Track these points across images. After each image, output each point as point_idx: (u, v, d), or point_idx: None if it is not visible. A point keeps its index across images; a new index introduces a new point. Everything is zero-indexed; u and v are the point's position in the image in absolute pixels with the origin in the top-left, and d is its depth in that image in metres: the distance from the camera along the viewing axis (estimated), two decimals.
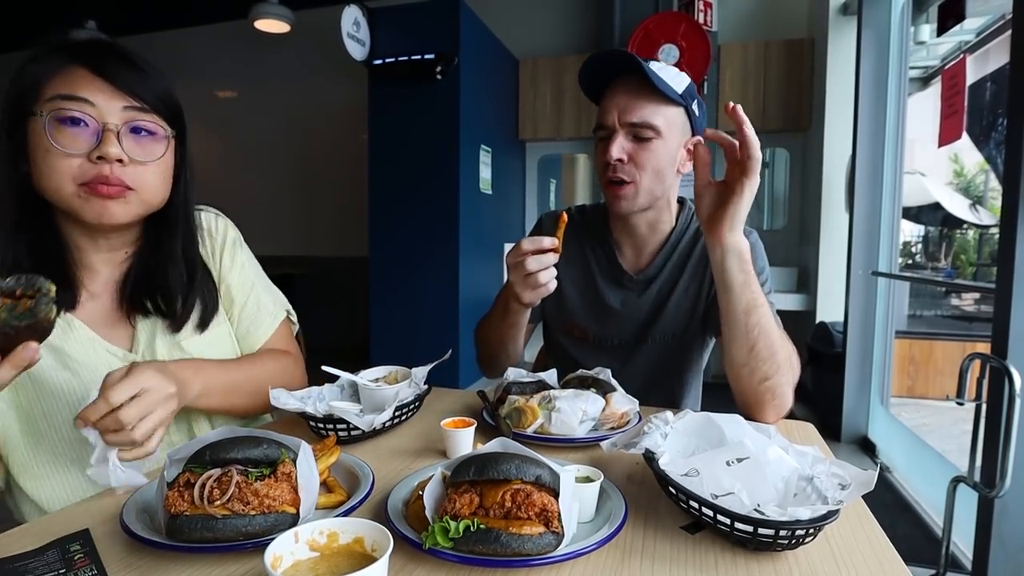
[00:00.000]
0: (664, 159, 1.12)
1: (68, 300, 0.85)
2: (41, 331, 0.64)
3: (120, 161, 0.80)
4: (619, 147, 1.11)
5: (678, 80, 1.12)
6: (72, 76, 0.79)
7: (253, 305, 1.04)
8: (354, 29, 3.05)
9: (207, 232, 1.02)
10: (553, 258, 0.99)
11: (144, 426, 0.71)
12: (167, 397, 0.75)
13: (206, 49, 4.76)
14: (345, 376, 1.01)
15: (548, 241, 0.99)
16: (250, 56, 4.50)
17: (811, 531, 0.59)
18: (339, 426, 0.89)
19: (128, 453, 0.72)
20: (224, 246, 1.03)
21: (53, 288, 0.64)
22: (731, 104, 0.89)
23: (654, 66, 1.10)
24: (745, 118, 0.89)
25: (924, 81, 3.39)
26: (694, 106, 1.14)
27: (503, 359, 1.23)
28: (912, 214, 6.82)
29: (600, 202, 1.33)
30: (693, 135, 1.15)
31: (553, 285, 1.01)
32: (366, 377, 1.04)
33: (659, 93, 1.07)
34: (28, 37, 5.08)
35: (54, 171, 0.78)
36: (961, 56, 2.17)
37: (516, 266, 1.01)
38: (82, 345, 0.86)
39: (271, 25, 3.79)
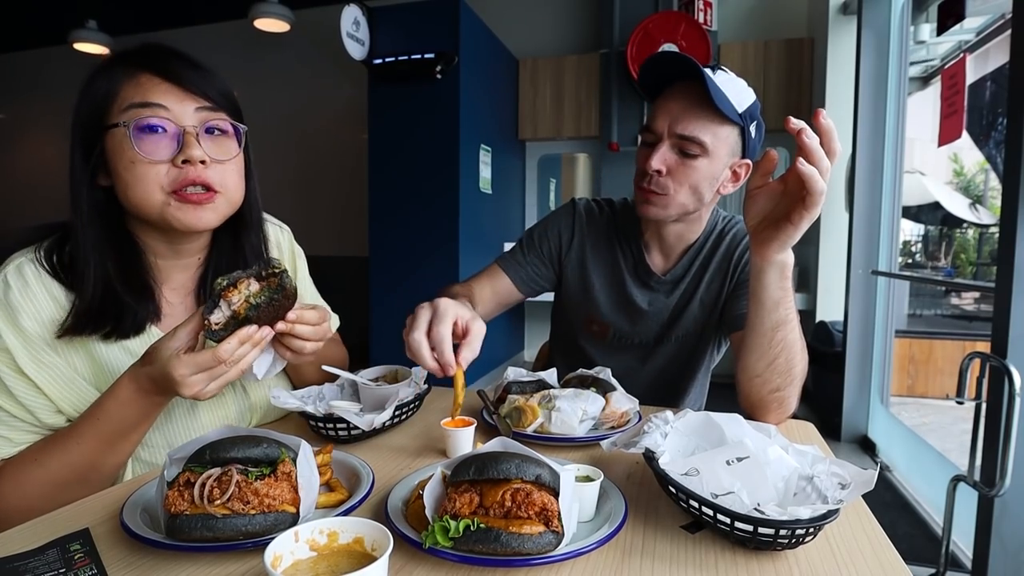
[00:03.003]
0: (705, 178, 1.08)
1: (153, 312, 0.87)
2: (292, 297, 0.76)
3: (203, 162, 0.81)
4: (661, 158, 1.07)
5: (741, 97, 1.06)
6: (142, 83, 0.80)
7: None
8: (354, 28, 3.04)
9: (274, 243, 1.07)
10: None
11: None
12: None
13: (206, 49, 4.71)
14: (345, 375, 1.01)
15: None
16: (250, 56, 4.50)
17: (811, 530, 0.59)
18: (339, 425, 0.89)
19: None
20: (293, 254, 1.12)
21: (283, 263, 0.74)
22: (797, 125, 0.78)
23: (720, 77, 1.04)
24: (812, 147, 0.78)
25: (924, 80, 3.39)
26: (752, 127, 1.08)
27: None
28: (912, 213, 6.83)
29: (629, 199, 1.31)
30: (743, 158, 1.11)
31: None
32: (366, 376, 1.04)
33: (716, 109, 1.02)
34: (29, 37, 5.10)
35: (142, 180, 0.79)
36: (961, 55, 2.17)
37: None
38: None
39: (271, 24, 3.78)
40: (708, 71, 1.03)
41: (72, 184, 0.82)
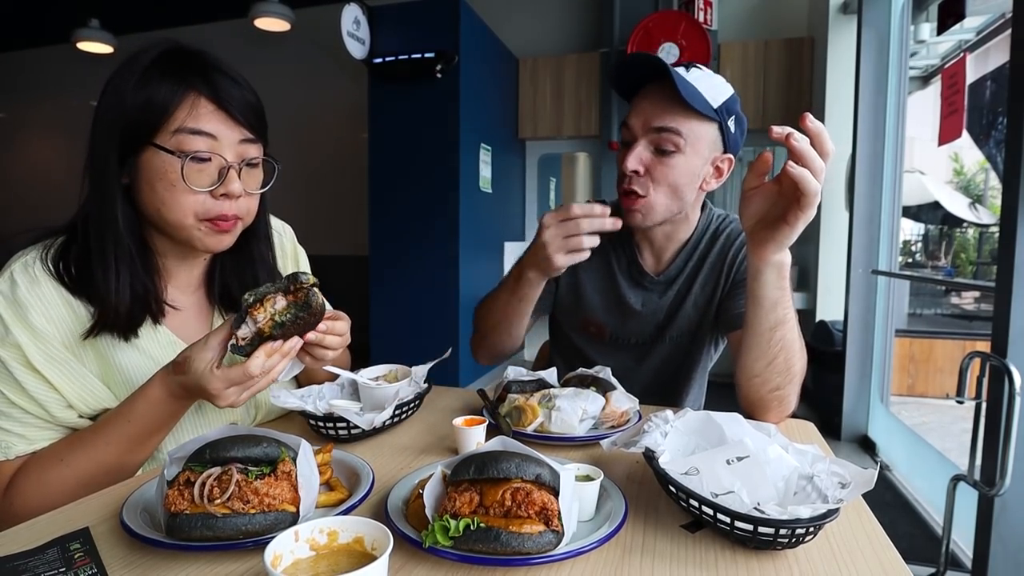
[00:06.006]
0: (684, 176, 1.07)
1: (159, 310, 0.89)
2: (319, 313, 0.77)
3: (238, 196, 0.84)
4: (636, 158, 1.06)
5: (717, 91, 1.05)
6: (196, 106, 0.80)
7: None
8: (354, 28, 3.04)
9: (278, 246, 1.08)
10: (607, 223, 0.94)
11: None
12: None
13: (206, 48, 4.72)
14: (345, 374, 1.01)
15: (600, 208, 0.94)
16: (250, 55, 4.50)
17: (811, 530, 0.59)
18: (339, 424, 0.89)
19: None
20: (295, 254, 1.14)
21: (312, 278, 0.76)
22: (782, 131, 0.78)
23: (694, 74, 1.04)
24: (801, 149, 0.78)
25: (924, 80, 3.39)
26: (730, 122, 1.07)
27: (504, 340, 1.21)
28: (912, 213, 6.83)
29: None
30: (725, 152, 1.10)
31: (587, 254, 0.97)
32: (366, 375, 1.04)
33: (689, 105, 1.01)
34: (30, 36, 5.11)
35: (179, 205, 0.81)
36: (961, 55, 2.18)
37: (560, 225, 0.95)
38: (164, 349, 0.89)
39: (271, 24, 3.78)
40: (681, 69, 1.03)
41: (100, 184, 0.81)
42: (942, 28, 2.28)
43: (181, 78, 0.80)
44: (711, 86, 1.05)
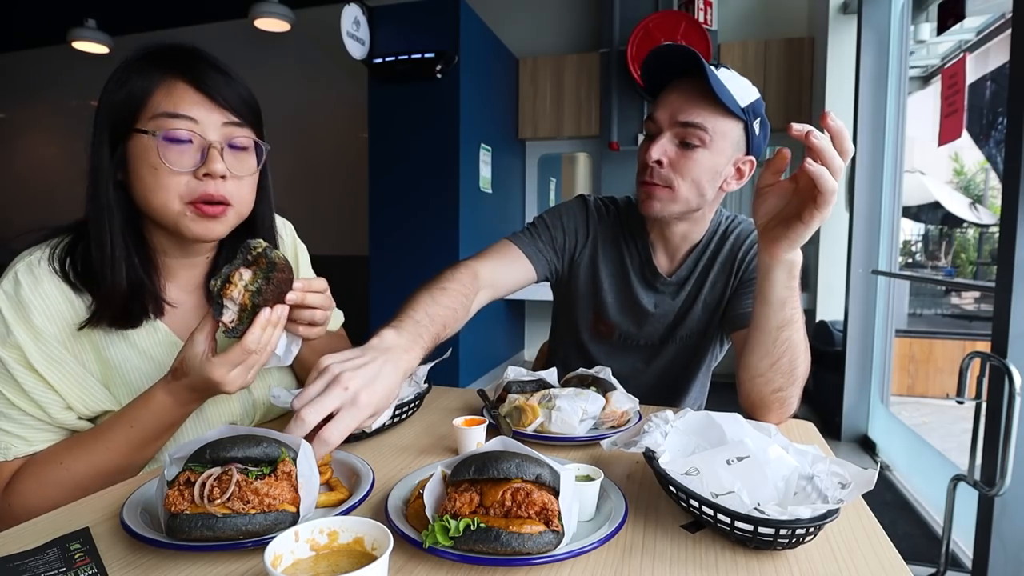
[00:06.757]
0: (707, 171, 1.07)
1: (158, 306, 0.89)
2: (287, 268, 0.77)
3: (223, 177, 0.83)
4: (661, 149, 1.06)
5: (745, 92, 1.05)
6: (174, 91, 0.80)
7: None
8: (354, 28, 3.04)
9: (278, 239, 1.08)
10: None
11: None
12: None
13: (206, 48, 4.70)
14: None
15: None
16: (250, 55, 4.50)
17: (811, 530, 0.59)
18: None
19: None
20: (295, 250, 1.14)
21: (262, 241, 0.76)
22: (802, 128, 0.77)
23: (723, 73, 1.04)
24: (822, 147, 0.77)
25: (924, 80, 3.39)
26: (755, 124, 1.07)
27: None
28: (912, 213, 6.83)
29: (632, 198, 1.30)
30: (748, 154, 1.10)
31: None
32: None
33: (718, 101, 1.01)
34: (28, 36, 5.10)
35: (163, 188, 0.80)
36: (961, 55, 2.18)
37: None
38: (164, 348, 0.90)
39: (271, 24, 3.78)
40: (711, 66, 1.03)
41: (95, 177, 0.82)
42: (942, 28, 2.29)
43: (161, 67, 0.81)
44: (739, 86, 1.05)
